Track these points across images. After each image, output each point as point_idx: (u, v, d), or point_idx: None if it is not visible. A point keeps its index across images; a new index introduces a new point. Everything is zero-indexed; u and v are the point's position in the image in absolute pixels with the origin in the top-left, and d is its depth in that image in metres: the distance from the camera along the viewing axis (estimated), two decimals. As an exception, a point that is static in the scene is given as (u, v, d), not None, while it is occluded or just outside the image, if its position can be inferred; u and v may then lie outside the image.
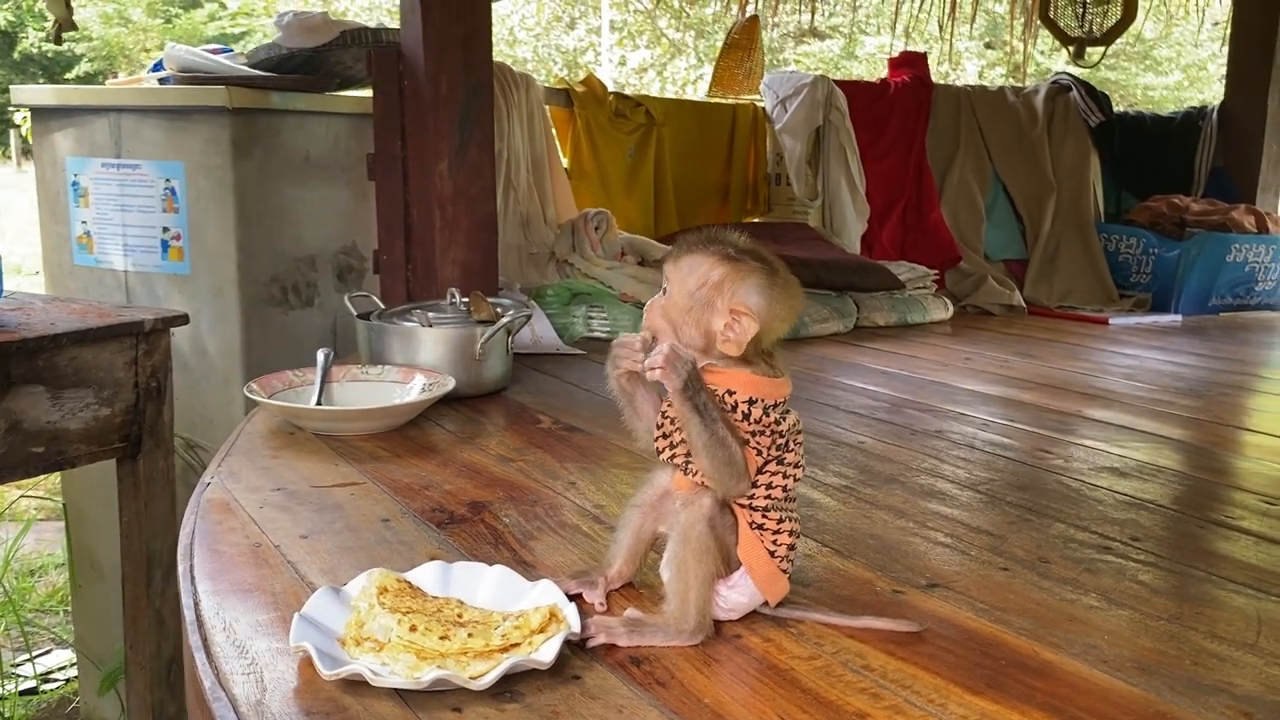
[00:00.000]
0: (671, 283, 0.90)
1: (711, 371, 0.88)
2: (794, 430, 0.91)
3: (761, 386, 0.89)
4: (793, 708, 0.78)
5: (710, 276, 0.87)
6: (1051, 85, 3.63)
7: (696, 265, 0.88)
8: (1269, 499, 1.35)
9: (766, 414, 0.88)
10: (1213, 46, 14.49)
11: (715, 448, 0.86)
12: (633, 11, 16.14)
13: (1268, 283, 3.28)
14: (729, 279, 0.87)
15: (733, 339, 0.87)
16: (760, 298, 0.87)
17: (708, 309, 0.87)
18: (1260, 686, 0.84)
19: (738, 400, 0.88)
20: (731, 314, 0.87)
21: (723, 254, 0.88)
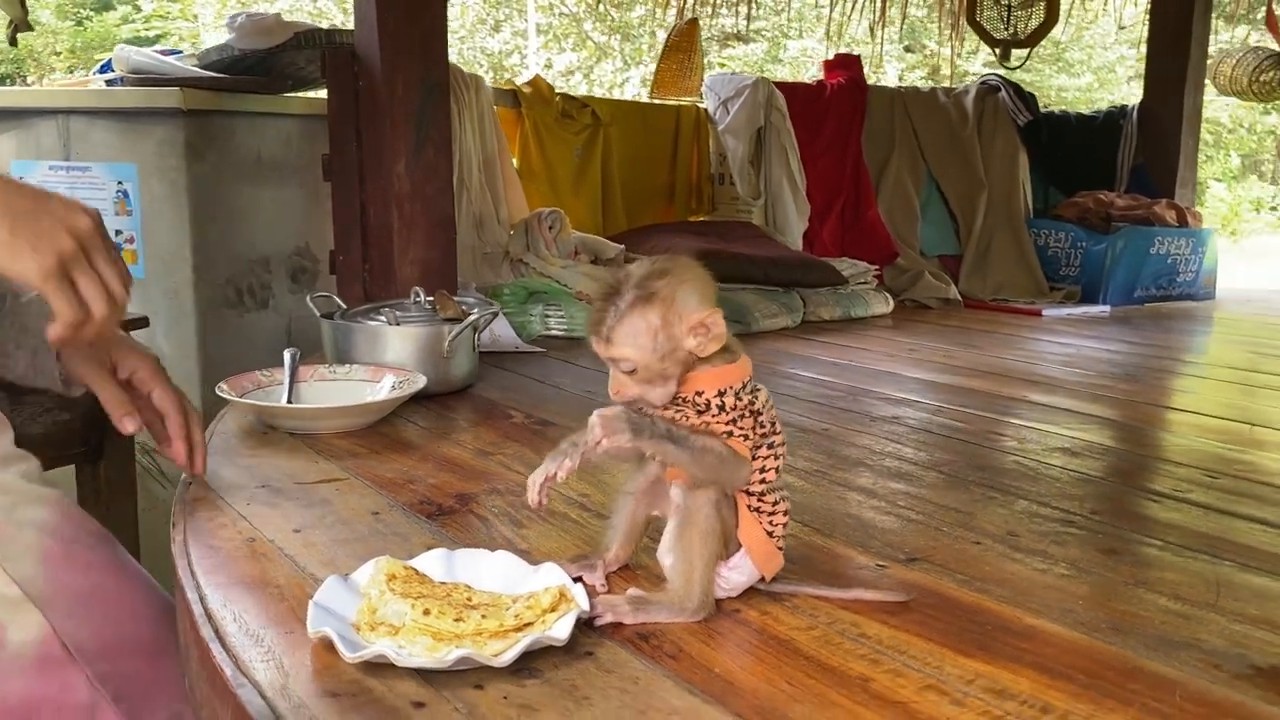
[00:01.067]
0: (626, 358, 0.88)
1: (684, 381, 0.90)
2: (769, 405, 0.94)
3: (725, 375, 0.91)
4: (798, 674, 0.82)
5: (653, 323, 0.87)
6: (981, 86, 3.75)
7: (634, 327, 0.87)
8: (1210, 473, 1.43)
9: (739, 398, 0.91)
10: (1120, 49, 14.99)
11: (700, 459, 0.88)
12: (558, 15, 16.13)
13: (1188, 274, 3.42)
14: (666, 310, 0.87)
15: (711, 340, 0.88)
16: (696, 298, 0.88)
17: (675, 344, 0.88)
18: (1226, 641, 0.90)
19: (709, 397, 0.90)
20: (694, 330, 0.87)
21: (639, 299, 0.87)
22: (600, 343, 0.89)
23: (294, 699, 0.76)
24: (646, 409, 0.91)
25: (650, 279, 0.88)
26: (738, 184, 3.23)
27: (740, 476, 0.91)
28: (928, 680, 0.81)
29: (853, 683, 0.81)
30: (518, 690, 0.78)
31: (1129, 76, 15.08)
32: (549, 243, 2.51)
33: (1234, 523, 1.22)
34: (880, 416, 1.72)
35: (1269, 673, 0.84)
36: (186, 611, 0.93)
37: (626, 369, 0.89)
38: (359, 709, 0.74)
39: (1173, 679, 0.82)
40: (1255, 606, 0.98)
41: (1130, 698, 0.79)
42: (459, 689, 0.78)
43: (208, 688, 0.86)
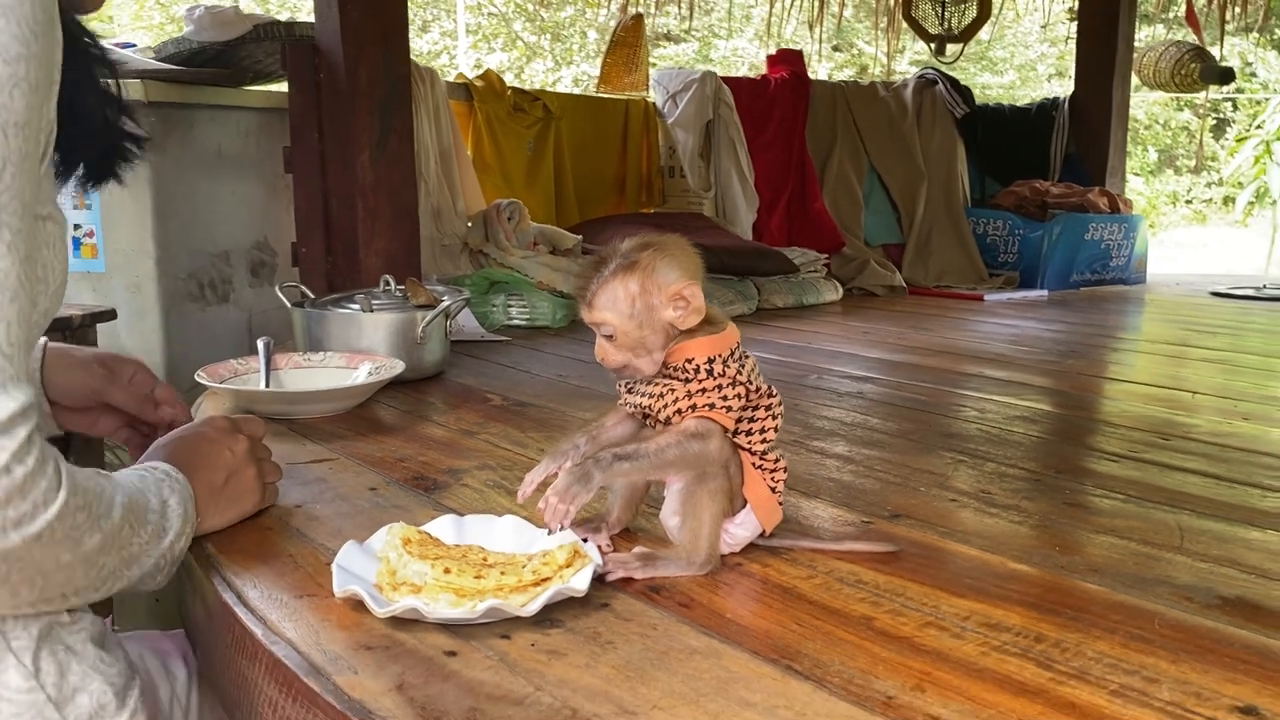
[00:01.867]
0: (606, 322, 0.92)
1: (674, 350, 0.95)
2: (756, 372, 0.98)
3: (714, 344, 0.95)
4: (805, 616, 0.86)
5: (631, 290, 0.91)
6: (919, 79, 3.85)
7: (614, 293, 0.91)
8: (1161, 435, 1.51)
9: (726, 366, 0.95)
10: (1041, 48, 15.38)
11: (663, 459, 0.92)
12: (487, 14, 16.06)
13: (1120, 259, 3.56)
14: (646, 279, 0.91)
15: (690, 313, 0.92)
16: (677, 270, 0.92)
17: (653, 313, 0.92)
18: (1194, 578, 0.96)
19: (699, 363, 0.94)
20: (674, 299, 0.91)
21: (621, 266, 0.91)
22: (584, 307, 0.94)
23: (329, 653, 0.78)
24: (633, 382, 0.95)
25: (633, 250, 0.93)
26: (688, 176, 3.28)
27: (711, 449, 0.93)
28: (926, 619, 0.86)
29: (857, 622, 0.85)
30: (544, 639, 0.81)
31: (1049, 74, 15.49)
32: (508, 234, 2.53)
33: (1187, 478, 1.30)
34: (846, 392, 1.78)
35: (1235, 602, 0.91)
36: (202, 583, 0.95)
37: (606, 333, 0.93)
38: (394, 660, 0.77)
39: (1150, 610, 0.89)
40: (1216, 548, 1.04)
41: (1114, 627, 0.85)
42: (486, 639, 0.81)
43: (233, 653, 0.88)
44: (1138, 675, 0.76)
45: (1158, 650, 0.80)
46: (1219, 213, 14.91)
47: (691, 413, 0.92)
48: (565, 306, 2.43)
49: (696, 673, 0.76)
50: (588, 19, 14.25)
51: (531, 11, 15.29)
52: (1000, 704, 0.72)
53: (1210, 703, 0.72)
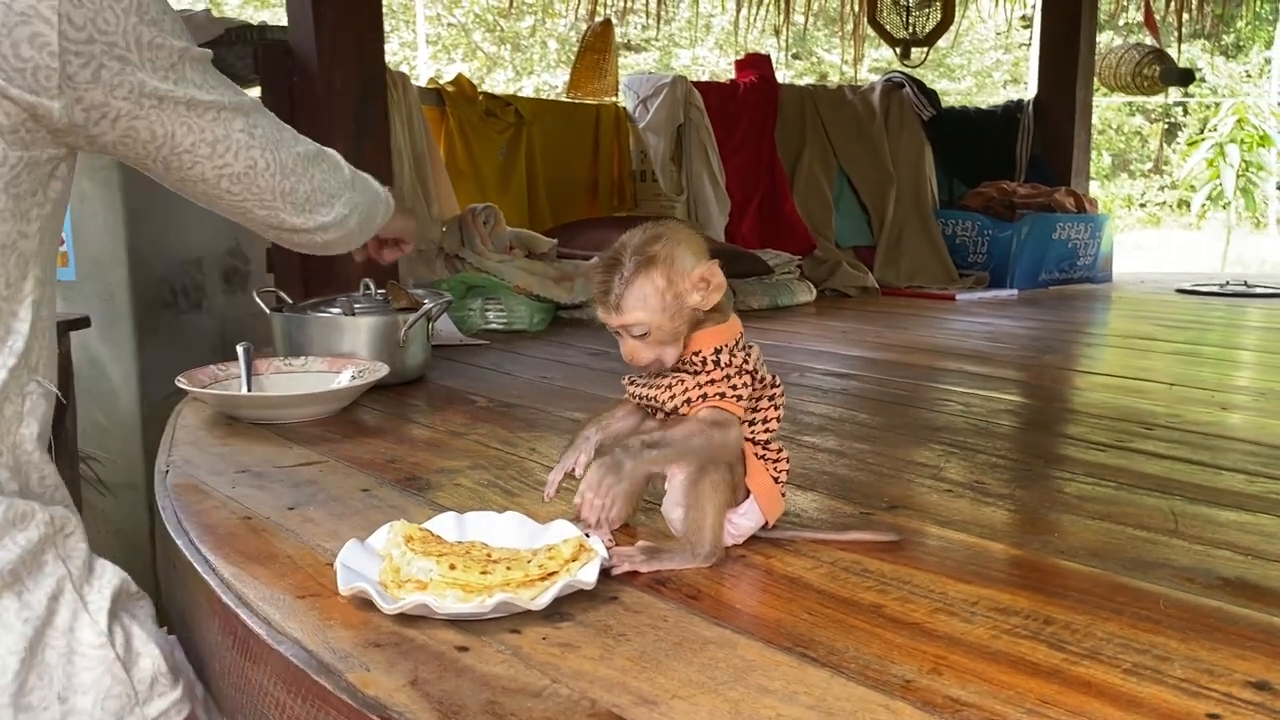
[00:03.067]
0: (639, 322, 0.91)
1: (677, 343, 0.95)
2: (760, 362, 0.99)
3: (718, 335, 0.96)
4: (815, 605, 0.86)
5: (658, 285, 0.91)
6: (885, 82, 3.88)
7: (642, 291, 0.91)
8: (1144, 425, 1.53)
9: (733, 356, 0.95)
10: (995, 55, 15.59)
11: (689, 444, 0.92)
12: (446, 25, 16.00)
13: (1087, 258, 3.60)
14: (669, 270, 0.91)
15: (713, 290, 0.93)
16: (692, 254, 0.93)
17: (681, 302, 0.92)
18: (1193, 560, 0.97)
19: (705, 355, 0.95)
20: (696, 285, 0.92)
21: (641, 264, 0.91)
22: (610, 312, 0.92)
23: (338, 651, 0.77)
24: (638, 375, 0.95)
25: (647, 244, 0.92)
26: (660, 180, 3.28)
27: (730, 438, 0.94)
28: (935, 605, 0.86)
29: (867, 610, 0.85)
30: (555, 632, 0.80)
31: (1005, 80, 15.69)
32: (484, 238, 2.52)
33: (1175, 465, 1.31)
34: (830, 389, 1.79)
35: (1235, 583, 0.92)
36: (200, 585, 0.93)
37: (639, 333, 0.92)
38: (405, 656, 0.76)
39: (1154, 592, 0.89)
40: (1210, 532, 1.06)
41: (1121, 608, 0.85)
42: (497, 634, 0.80)
43: (234, 655, 0.86)
44: (1149, 654, 0.77)
45: (1166, 630, 0.81)
46: (1173, 215, 15.16)
47: (703, 402, 0.92)
48: (542, 310, 2.42)
49: (712, 662, 0.75)
50: (548, 29, 14.25)
51: (491, 22, 15.24)
52: (1017, 684, 0.72)
53: (1223, 679, 0.73)
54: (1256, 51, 14.54)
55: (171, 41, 0.88)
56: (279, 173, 1.02)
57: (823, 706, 0.68)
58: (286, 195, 1.04)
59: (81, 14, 0.80)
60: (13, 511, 0.80)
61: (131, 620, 0.86)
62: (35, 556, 0.80)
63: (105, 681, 0.81)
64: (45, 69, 0.79)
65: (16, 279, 0.84)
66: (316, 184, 1.09)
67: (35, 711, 0.77)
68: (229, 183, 0.98)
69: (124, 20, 0.83)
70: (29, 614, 0.78)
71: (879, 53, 10.09)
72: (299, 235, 1.11)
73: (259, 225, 1.08)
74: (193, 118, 0.92)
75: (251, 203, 1.02)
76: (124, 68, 0.84)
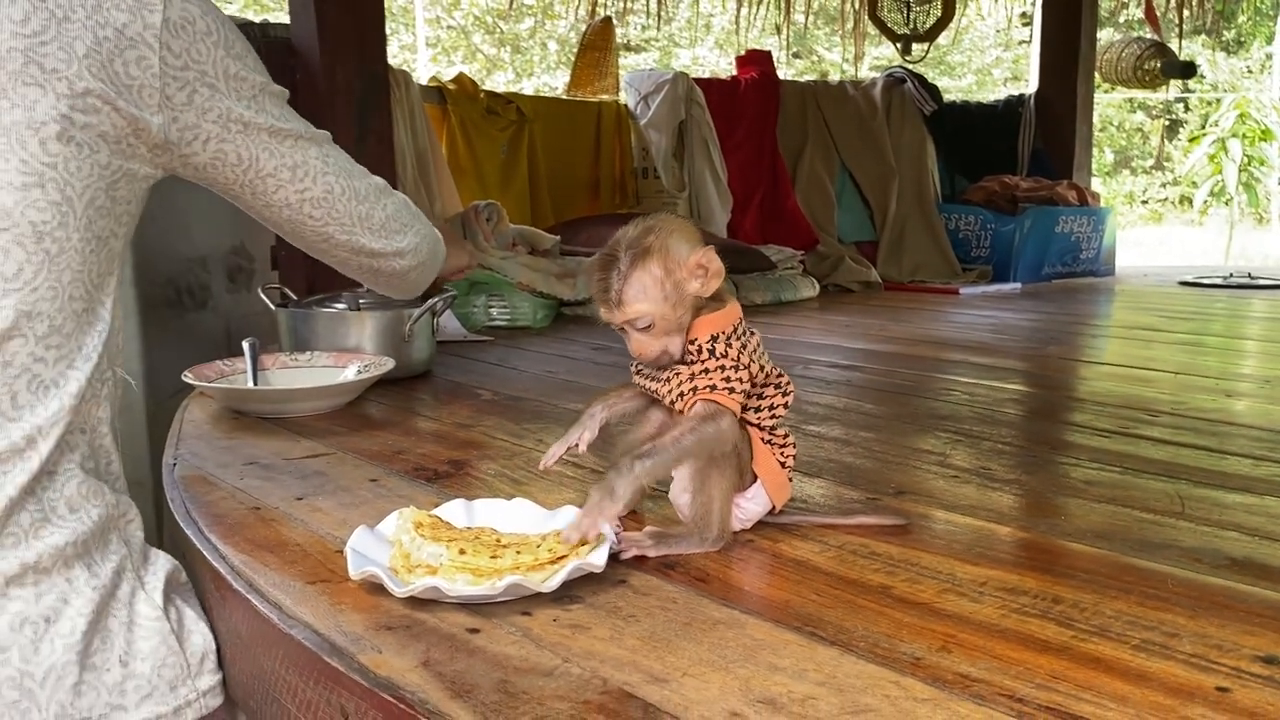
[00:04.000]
0: (642, 314, 0.91)
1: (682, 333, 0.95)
2: (760, 353, 0.98)
3: (714, 322, 0.95)
4: (823, 586, 0.86)
5: (656, 274, 0.91)
6: (887, 78, 3.88)
7: (641, 283, 0.91)
8: (1149, 412, 1.53)
9: (729, 346, 0.95)
10: (995, 52, 15.58)
11: (684, 449, 0.91)
12: (446, 28, 16.01)
13: (1090, 251, 3.60)
14: (665, 259, 0.91)
15: (712, 276, 0.93)
16: (687, 244, 0.93)
17: (681, 290, 0.92)
18: (1199, 541, 0.98)
19: (701, 344, 0.95)
20: (694, 272, 0.92)
21: (637, 256, 0.91)
22: (611, 309, 0.93)
23: (350, 634, 0.77)
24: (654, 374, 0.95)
25: (640, 238, 0.93)
26: (662, 177, 3.29)
27: (724, 429, 0.93)
28: (943, 585, 0.86)
29: (875, 591, 0.86)
30: (565, 614, 0.81)
31: (1005, 78, 15.69)
32: (487, 235, 2.52)
33: (1180, 450, 1.32)
34: (835, 380, 1.79)
35: (1243, 562, 0.92)
36: (210, 573, 0.93)
37: (643, 325, 0.92)
38: (417, 638, 0.76)
39: (1161, 571, 0.89)
40: (1217, 514, 1.06)
41: (1129, 587, 0.85)
42: (507, 616, 0.80)
43: (247, 641, 0.86)
44: (1157, 631, 0.77)
45: (1174, 607, 0.81)
46: (1175, 211, 15.16)
47: (693, 394, 0.92)
48: (546, 306, 2.42)
49: (722, 641, 0.75)
50: (547, 30, 14.26)
51: (490, 24, 15.25)
52: (1026, 660, 0.72)
53: (1232, 654, 0.73)
54: (1257, 47, 14.54)
55: (254, 76, 0.99)
56: (354, 198, 1.13)
57: (833, 683, 0.69)
58: (364, 220, 1.15)
59: (179, 44, 0.91)
60: (87, 488, 0.88)
61: (184, 603, 0.93)
62: (103, 534, 0.88)
63: (161, 651, 0.87)
64: (149, 88, 0.90)
65: (105, 272, 0.92)
66: (390, 212, 1.20)
67: (99, 671, 0.83)
68: (310, 207, 1.09)
69: (213, 53, 0.94)
70: (96, 582, 0.85)
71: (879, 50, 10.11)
72: (379, 261, 1.22)
73: (342, 251, 1.18)
74: (274, 144, 1.02)
75: (333, 227, 1.13)
76: (213, 94, 0.95)
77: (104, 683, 0.83)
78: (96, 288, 0.91)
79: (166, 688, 0.87)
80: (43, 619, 0.81)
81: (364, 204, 1.14)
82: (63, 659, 0.80)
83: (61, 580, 0.83)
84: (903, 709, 0.65)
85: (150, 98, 0.90)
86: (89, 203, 0.88)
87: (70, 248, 0.87)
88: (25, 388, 0.85)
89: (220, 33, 0.96)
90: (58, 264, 0.86)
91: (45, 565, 0.82)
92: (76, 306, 0.88)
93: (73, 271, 0.87)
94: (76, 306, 0.88)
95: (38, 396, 0.85)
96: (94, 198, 0.89)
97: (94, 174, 0.88)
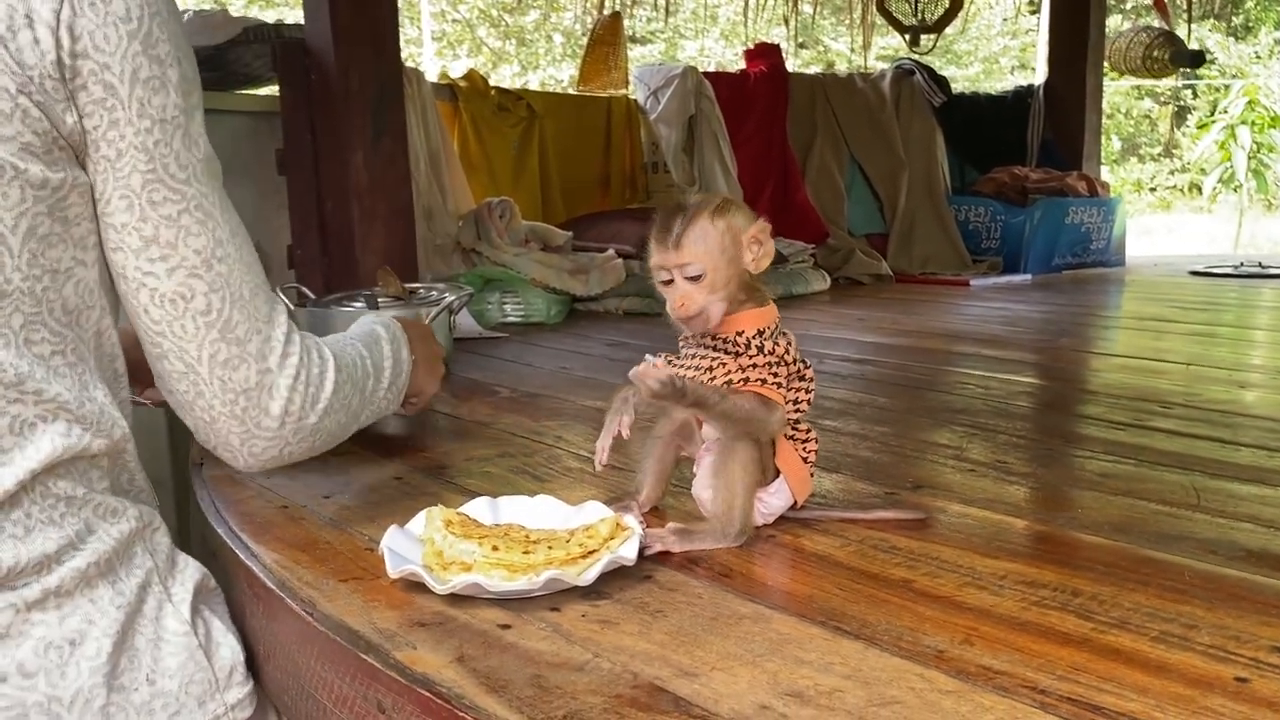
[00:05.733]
0: (696, 259, 0.92)
1: (724, 322, 0.96)
2: (794, 346, 1.00)
3: (760, 317, 0.97)
4: (845, 581, 0.88)
5: (719, 227, 0.93)
6: (896, 70, 3.88)
7: (703, 229, 0.93)
8: (1162, 404, 1.54)
9: (775, 343, 0.96)
10: (1003, 40, 15.53)
11: (731, 413, 0.94)
12: (451, 21, 16.00)
13: (1100, 241, 3.61)
14: (730, 219, 0.94)
15: (764, 255, 0.95)
16: (745, 217, 0.95)
17: (738, 249, 0.94)
18: (1215, 533, 0.99)
19: (748, 336, 0.96)
20: (751, 241, 0.95)
21: (706, 206, 0.94)
22: (668, 250, 0.93)
23: (384, 631, 0.79)
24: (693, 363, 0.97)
25: (710, 199, 0.96)
26: (672, 171, 3.29)
27: (772, 422, 0.95)
28: (964, 579, 0.88)
29: (897, 585, 0.87)
30: (593, 610, 0.82)
31: (1012, 66, 15.63)
32: (500, 231, 2.54)
33: (1194, 442, 1.33)
34: (849, 374, 1.80)
35: (1260, 554, 0.93)
36: (242, 572, 0.95)
37: (694, 273, 0.93)
38: (450, 635, 0.78)
39: (1178, 564, 0.91)
40: (1232, 506, 1.07)
41: (1147, 579, 0.87)
42: (537, 612, 0.82)
43: (280, 639, 0.88)
44: (1176, 622, 0.78)
45: (1192, 599, 0.83)
46: (1183, 199, 15.10)
47: (744, 386, 0.94)
48: (559, 302, 2.43)
49: (748, 636, 0.77)
50: (553, 23, 14.24)
51: (496, 17, 15.24)
52: (1048, 653, 0.73)
53: (1250, 644, 0.74)
54: (1266, 33, 14.46)
55: (173, 96, 0.80)
56: (222, 329, 0.86)
57: (858, 676, 0.70)
58: (222, 365, 0.86)
59: (82, 24, 0.74)
60: (105, 506, 0.82)
61: (211, 614, 0.89)
62: (126, 548, 0.83)
63: (189, 667, 0.84)
64: (50, 79, 0.74)
65: (81, 306, 0.81)
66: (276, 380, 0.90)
67: (127, 692, 0.80)
68: (149, 300, 0.83)
69: (125, 44, 0.76)
70: (121, 600, 0.81)
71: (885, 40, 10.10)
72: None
73: (176, 386, 0.88)
74: (144, 193, 0.80)
75: (169, 349, 0.85)
76: (107, 96, 0.76)
77: (131, 703, 0.80)
78: (68, 326, 0.80)
79: (195, 704, 0.84)
80: (67, 642, 0.77)
81: (232, 346, 0.85)
82: (89, 682, 0.78)
83: (85, 601, 0.79)
84: (928, 701, 0.67)
85: (56, 92, 0.74)
86: (28, 233, 0.75)
87: (14, 289, 0.75)
88: (8, 430, 0.76)
89: (144, 22, 0.76)
90: (2, 309, 0.75)
91: (68, 588, 0.78)
92: (41, 350, 0.78)
93: (24, 315, 0.76)
94: (41, 350, 0.78)
95: (25, 438, 0.77)
96: (34, 226, 0.75)
97: (26, 199, 0.74)
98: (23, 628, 0.76)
